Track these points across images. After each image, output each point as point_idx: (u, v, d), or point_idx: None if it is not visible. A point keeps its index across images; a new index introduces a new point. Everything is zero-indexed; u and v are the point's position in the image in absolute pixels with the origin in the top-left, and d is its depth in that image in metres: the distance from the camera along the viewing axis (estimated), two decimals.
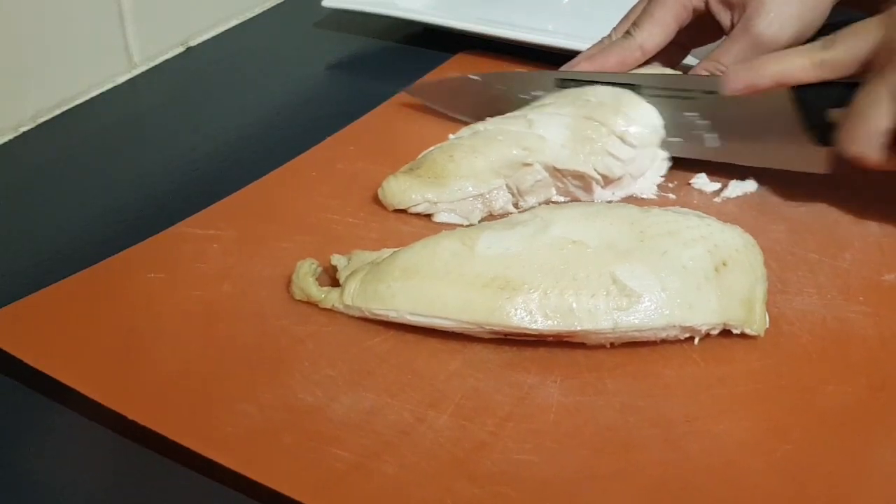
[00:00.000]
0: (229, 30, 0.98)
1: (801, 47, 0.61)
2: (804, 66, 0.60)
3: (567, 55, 0.76)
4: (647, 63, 0.72)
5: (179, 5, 0.92)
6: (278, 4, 1.05)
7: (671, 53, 0.74)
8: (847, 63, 0.58)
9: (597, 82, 0.68)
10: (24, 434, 0.50)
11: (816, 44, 0.60)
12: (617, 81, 0.67)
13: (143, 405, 0.48)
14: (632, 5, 0.74)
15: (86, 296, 0.56)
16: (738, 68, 0.62)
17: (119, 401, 0.48)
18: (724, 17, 0.70)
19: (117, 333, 0.53)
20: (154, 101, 0.85)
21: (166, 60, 0.91)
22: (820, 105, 0.61)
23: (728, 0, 0.70)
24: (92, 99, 0.84)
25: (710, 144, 0.66)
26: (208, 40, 0.96)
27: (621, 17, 0.75)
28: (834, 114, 0.60)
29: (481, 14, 0.92)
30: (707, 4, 0.71)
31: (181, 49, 0.93)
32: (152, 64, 0.90)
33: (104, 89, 0.85)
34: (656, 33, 0.71)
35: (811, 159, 0.63)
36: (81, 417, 0.50)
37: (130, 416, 0.48)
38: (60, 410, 0.51)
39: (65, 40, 0.80)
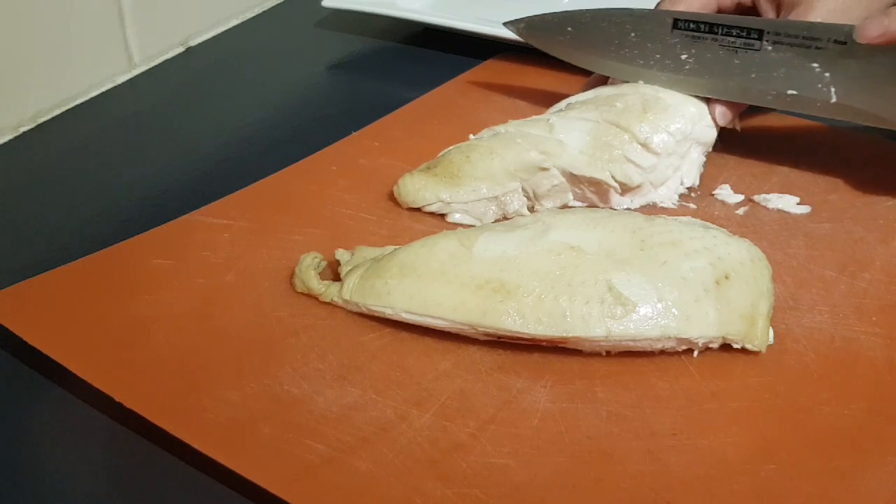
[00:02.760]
0: (229, 30, 0.99)
1: None
2: None
3: None
4: None
5: (179, 5, 0.92)
6: (278, 4, 1.05)
7: None
8: None
9: (717, 24, 0.64)
10: (20, 410, 0.51)
11: None
12: (738, 24, 0.63)
13: (130, 388, 0.49)
14: (632, 6, 0.72)
15: (90, 279, 0.57)
16: (876, 17, 0.59)
17: (109, 383, 0.49)
18: (770, 15, 0.69)
19: (116, 317, 0.54)
20: (154, 101, 0.86)
21: (166, 60, 0.92)
22: None
23: None
24: (92, 99, 0.85)
25: (832, 100, 0.62)
26: (208, 40, 0.96)
27: None
28: None
29: (481, 14, 0.91)
30: (755, 0, 0.69)
31: (181, 49, 0.94)
32: (152, 64, 0.91)
33: (104, 89, 0.86)
34: (696, 6, 0.68)
35: None
36: (76, 398, 0.51)
37: (117, 399, 0.48)
38: (57, 390, 0.52)
39: (65, 40, 0.81)
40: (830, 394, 0.49)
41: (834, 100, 0.62)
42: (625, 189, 0.63)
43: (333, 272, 0.58)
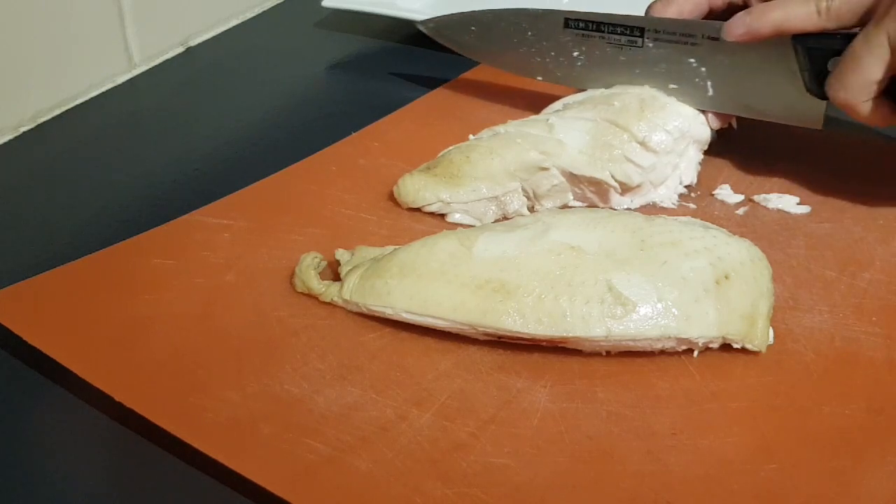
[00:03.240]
0: (229, 30, 0.99)
1: None
2: (807, 13, 0.58)
3: None
4: None
5: (179, 5, 0.92)
6: (278, 4, 1.05)
7: None
8: (849, 12, 0.57)
9: (603, 23, 0.67)
10: (20, 410, 0.51)
11: None
12: (622, 23, 0.67)
13: (131, 388, 0.49)
14: (633, 5, 0.72)
15: (90, 279, 0.57)
16: (740, 15, 0.61)
17: (109, 383, 0.49)
18: None
19: (117, 317, 0.54)
20: (154, 101, 0.86)
21: (166, 60, 0.92)
22: (820, 56, 0.60)
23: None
24: (92, 99, 0.84)
25: (709, 94, 0.65)
26: (208, 40, 0.96)
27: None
28: (832, 64, 0.59)
29: None
30: (747, 1, 0.69)
31: (181, 49, 0.94)
32: (152, 64, 0.90)
33: (104, 89, 0.86)
34: (688, 8, 0.69)
35: (807, 113, 0.63)
36: (76, 398, 0.51)
37: (117, 398, 0.48)
38: (57, 390, 0.52)
39: (65, 40, 0.81)
40: (830, 394, 0.49)
41: (710, 93, 0.65)
42: (625, 189, 0.64)
43: (333, 272, 0.58)
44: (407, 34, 0.93)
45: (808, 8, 0.58)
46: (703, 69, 0.65)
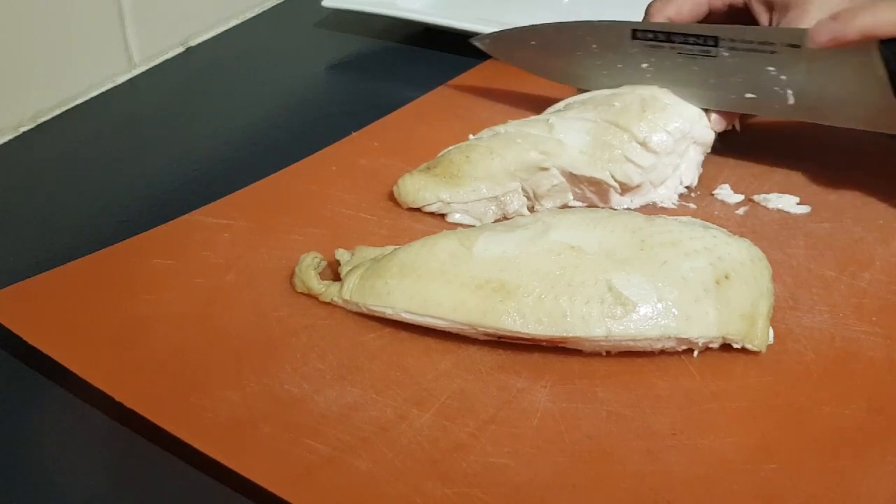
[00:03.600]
0: (229, 30, 0.99)
1: (891, 0, 0.58)
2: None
3: None
4: None
5: (179, 5, 0.93)
6: (278, 4, 1.05)
7: None
8: None
9: (674, 34, 0.65)
10: (20, 410, 0.51)
11: None
12: (695, 33, 0.65)
13: (131, 388, 0.49)
14: (633, 5, 0.73)
15: (90, 279, 0.57)
16: (825, 21, 0.59)
17: (109, 383, 0.49)
18: (763, 17, 0.68)
19: (117, 317, 0.54)
20: (154, 101, 0.86)
21: (166, 60, 0.92)
22: None
23: (769, 0, 0.68)
24: (92, 99, 0.85)
25: (789, 102, 0.63)
26: (208, 40, 0.97)
27: (621, 17, 0.73)
28: None
29: (481, 14, 0.92)
30: (747, 2, 0.69)
31: (181, 49, 0.94)
32: (152, 64, 0.91)
33: (104, 89, 0.86)
34: (687, 7, 0.69)
35: (894, 120, 0.60)
36: (76, 398, 0.51)
37: (118, 398, 0.48)
38: (57, 390, 0.52)
39: (65, 40, 0.81)
40: (830, 393, 0.49)
41: (791, 101, 0.63)
42: (625, 189, 0.64)
43: (333, 272, 0.58)
44: (407, 34, 0.93)
45: None
46: (783, 77, 0.63)
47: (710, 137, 0.66)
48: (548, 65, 0.72)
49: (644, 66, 0.67)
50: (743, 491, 0.44)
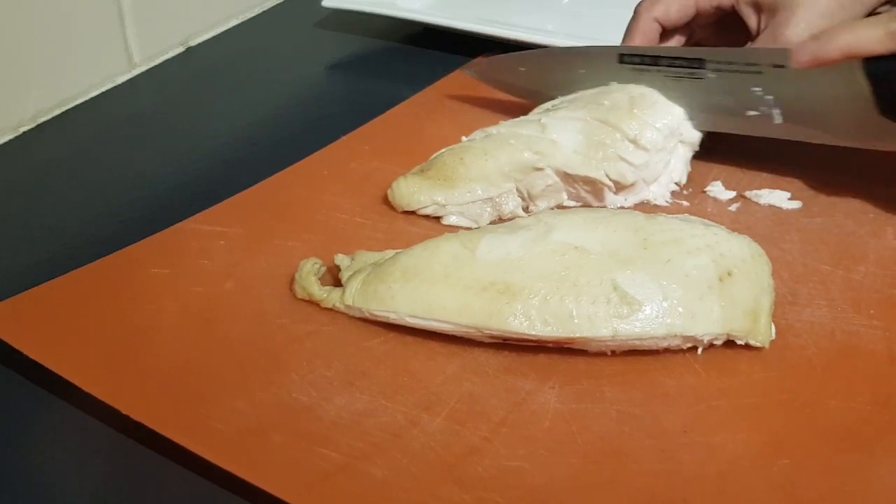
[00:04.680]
0: (229, 30, 0.99)
1: (872, 18, 0.59)
2: (877, 36, 0.57)
3: None
4: None
5: (179, 5, 0.92)
6: (278, 4, 1.05)
7: None
8: None
9: (661, 56, 0.66)
10: (23, 426, 0.51)
11: (889, 14, 0.58)
12: (681, 56, 0.65)
13: (137, 400, 0.49)
14: (632, 6, 0.73)
15: (88, 290, 0.57)
16: (806, 41, 0.60)
17: (113, 394, 0.49)
18: (752, 19, 0.69)
19: (117, 328, 0.54)
20: (154, 101, 0.86)
21: (166, 60, 0.92)
22: (892, 79, 0.58)
23: (757, 3, 0.68)
24: (92, 99, 0.84)
25: (776, 121, 0.64)
26: (208, 40, 0.96)
27: (620, 17, 0.74)
28: None
29: (481, 14, 0.92)
30: (735, 4, 0.70)
31: (181, 49, 0.94)
32: (152, 64, 0.90)
33: (104, 89, 0.86)
34: (675, 8, 0.70)
35: (882, 136, 0.61)
36: (79, 411, 0.50)
37: (124, 411, 0.48)
38: (59, 403, 0.51)
39: (65, 40, 0.81)
40: (835, 387, 0.50)
41: (778, 121, 0.64)
42: (619, 187, 0.64)
43: (333, 277, 0.57)
44: (407, 34, 0.93)
45: (877, 31, 0.57)
46: (770, 97, 0.63)
47: (696, 137, 0.66)
48: (538, 91, 0.72)
49: None
50: (757, 487, 0.44)
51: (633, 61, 0.67)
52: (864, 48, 0.58)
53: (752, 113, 0.64)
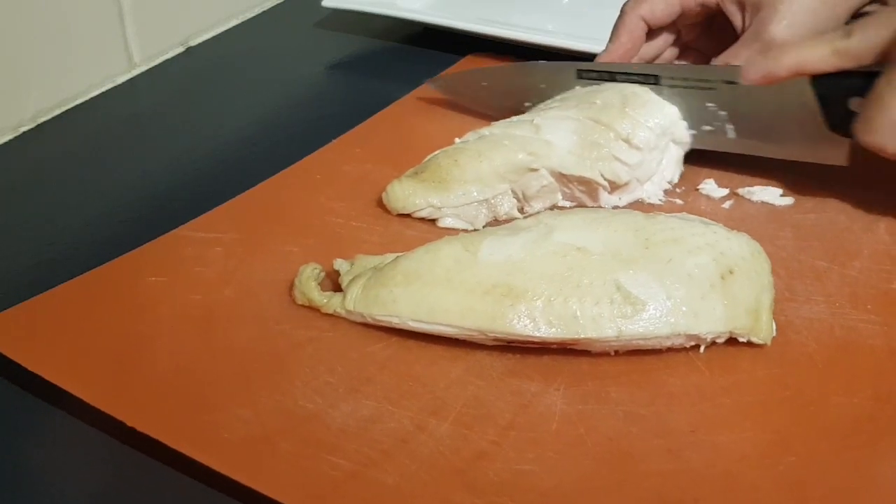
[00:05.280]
0: (229, 30, 0.99)
1: (819, 36, 0.60)
2: (823, 54, 0.58)
3: (568, 55, 0.77)
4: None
5: (179, 5, 0.92)
6: (278, 4, 1.05)
7: (695, 61, 0.75)
8: (867, 52, 0.57)
9: (617, 73, 0.67)
10: (22, 437, 0.50)
11: (835, 33, 0.59)
12: (636, 72, 0.66)
13: (140, 410, 0.48)
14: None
15: (86, 299, 0.56)
16: (756, 58, 0.61)
17: (116, 405, 0.48)
18: (736, 17, 0.70)
19: (116, 337, 0.53)
20: (154, 101, 0.85)
21: (166, 60, 0.91)
22: (840, 95, 0.60)
23: (741, 0, 0.69)
24: (92, 99, 0.84)
25: (729, 136, 0.65)
26: (208, 40, 0.96)
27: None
28: (854, 103, 0.59)
29: (481, 14, 0.92)
30: (719, 2, 0.70)
31: (181, 49, 0.93)
32: (152, 64, 0.90)
33: (104, 89, 0.85)
34: (660, 6, 0.71)
35: (831, 151, 0.62)
36: (80, 422, 0.50)
37: (127, 422, 0.47)
38: (60, 415, 0.51)
39: (65, 40, 0.80)
40: (837, 384, 0.50)
41: (731, 136, 0.65)
42: (613, 187, 0.64)
43: (332, 282, 0.57)
44: (407, 34, 0.93)
45: (824, 49, 0.58)
46: (723, 113, 0.64)
47: (688, 136, 0.66)
48: (500, 104, 0.73)
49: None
50: (765, 486, 0.44)
51: (590, 76, 0.69)
52: (812, 66, 0.59)
53: (706, 127, 0.66)
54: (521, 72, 0.72)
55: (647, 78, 0.66)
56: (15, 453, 0.49)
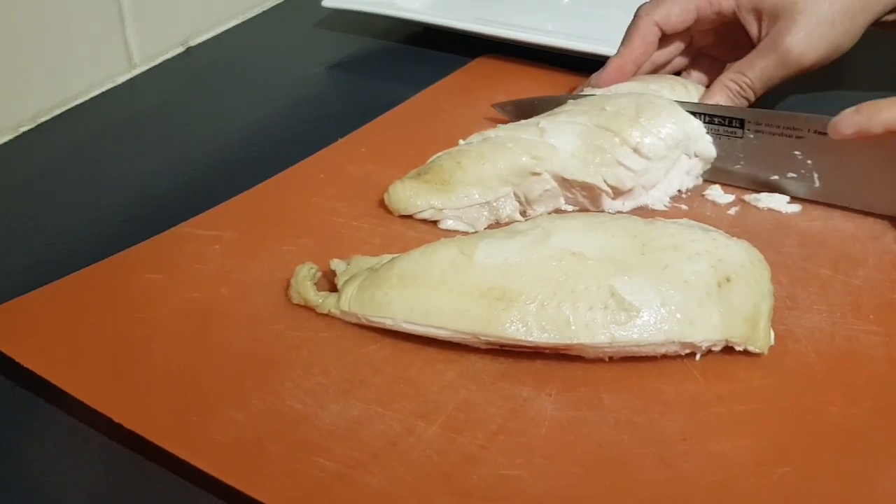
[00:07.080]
0: (229, 30, 0.99)
1: None
2: None
3: (567, 55, 0.77)
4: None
5: (179, 5, 0.92)
6: (278, 4, 1.05)
7: (708, 67, 0.74)
8: None
9: (704, 114, 0.65)
10: (16, 434, 0.50)
11: None
12: (724, 115, 0.65)
13: (131, 409, 0.48)
14: (634, 6, 0.73)
15: (82, 296, 0.56)
16: (848, 113, 0.60)
17: (108, 403, 0.48)
18: (752, 26, 0.69)
19: (111, 334, 0.53)
20: (154, 101, 0.85)
21: (166, 60, 0.92)
22: None
23: (758, 9, 0.68)
24: (92, 99, 0.84)
25: (816, 185, 0.64)
26: (208, 40, 0.96)
27: (621, 17, 0.74)
28: None
29: (481, 14, 0.92)
30: (736, 11, 0.69)
31: (181, 49, 0.94)
32: (152, 64, 0.90)
33: (104, 89, 0.86)
34: (675, 12, 0.70)
35: None
36: (73, 419, 0.50)
37: (118, 420, 0.47)
38: (53, 411, 0.51)
39: (65, 40, 0.81)
40: (836, 394, 0.49)
41: (818, 185, 0.64)
42: (616, 192, 0.63)
43: (329, 282, 0.57)
44: (407, 34, 0.93)
45: None
46: (810, 161, 0.63)
47: (712, 154, 0.66)
48: None
49: None
50: (759, 495, 0.44)
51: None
52: None
53: (791, 175, 0.64)
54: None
55: (733, 122, 0.64)
56: (8, 449, 0.49)
